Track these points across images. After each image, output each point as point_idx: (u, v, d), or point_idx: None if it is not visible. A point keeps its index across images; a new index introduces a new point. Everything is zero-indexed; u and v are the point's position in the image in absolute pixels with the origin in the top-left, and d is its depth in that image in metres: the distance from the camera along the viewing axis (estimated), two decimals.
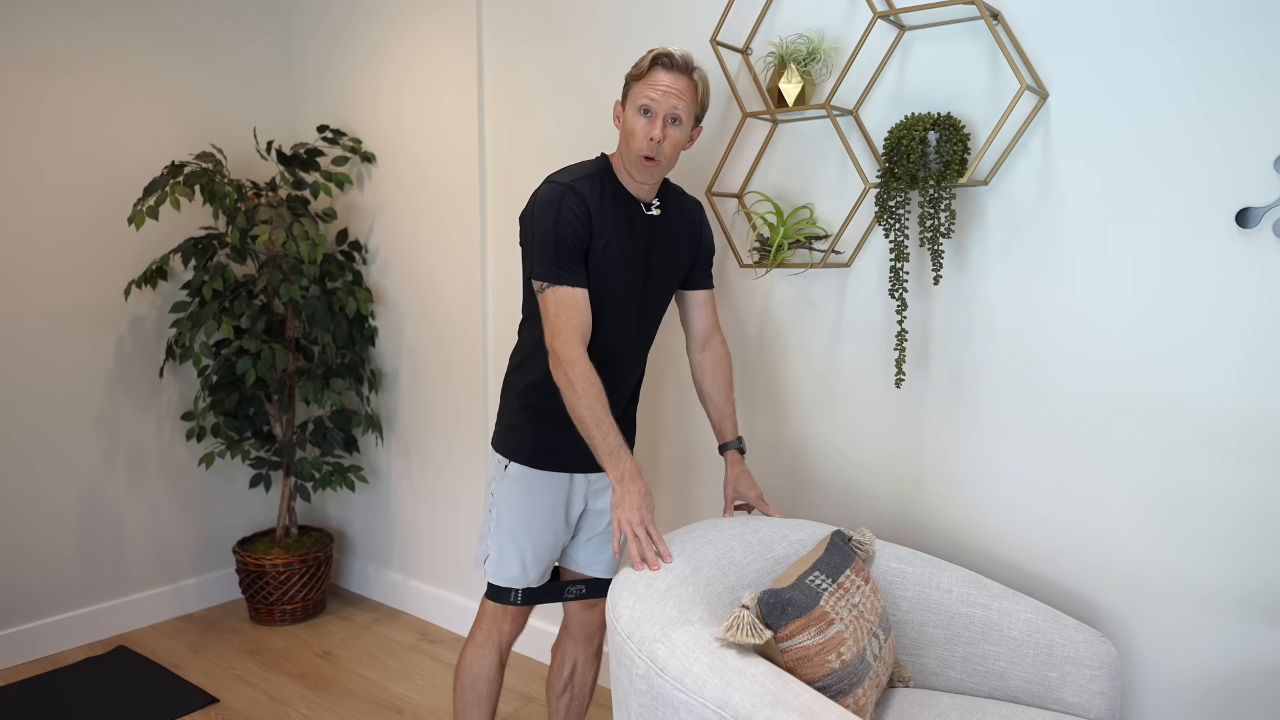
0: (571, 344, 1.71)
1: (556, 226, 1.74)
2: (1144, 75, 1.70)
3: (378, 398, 3.31)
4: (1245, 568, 1.68)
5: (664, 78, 1.73)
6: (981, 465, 1.97)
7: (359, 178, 3.27)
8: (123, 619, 3.08)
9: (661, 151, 1.76)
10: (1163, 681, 1.78)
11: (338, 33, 3.26)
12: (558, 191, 1.76)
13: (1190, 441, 1.71)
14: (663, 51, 1.74)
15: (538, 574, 1.93)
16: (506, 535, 1.90)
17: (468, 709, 1.98)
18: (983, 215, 1.91)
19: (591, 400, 1.68)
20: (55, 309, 2.88)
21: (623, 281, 1.82)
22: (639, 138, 1.75)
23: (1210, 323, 1.68)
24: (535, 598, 1.96)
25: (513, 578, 1.92)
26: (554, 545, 1.94)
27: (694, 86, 1.76)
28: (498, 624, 1.97)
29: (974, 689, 1.73)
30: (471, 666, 1.97)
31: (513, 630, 1.98)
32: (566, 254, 1.74)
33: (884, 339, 2.08)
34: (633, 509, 1.64)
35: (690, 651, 1.34)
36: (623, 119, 1.79)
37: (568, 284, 1.74)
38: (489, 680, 1.98)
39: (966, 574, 1.79)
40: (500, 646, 1.98)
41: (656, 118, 1.74)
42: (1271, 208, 1.60)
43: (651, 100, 1.73)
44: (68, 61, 2.86)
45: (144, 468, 3.12)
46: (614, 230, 1.80)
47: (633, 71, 1.77)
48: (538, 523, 1.90)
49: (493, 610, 1.96)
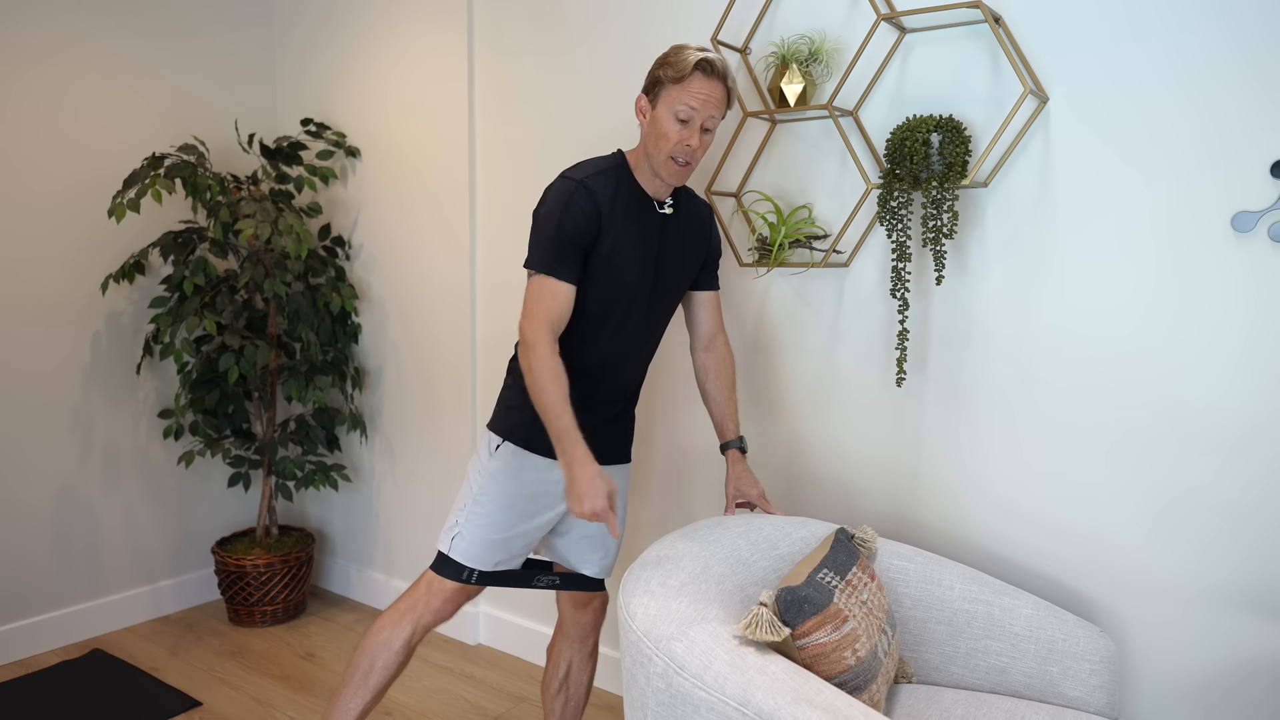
0: (540, 331, 1.70)
1: (560, 220, 1.74)
2: (1141, 81, 1.74)
3: (361, 395, 3.27)
4: (1238, 565, 1.72)
5: (704, 86, 1.72)
6: (978, 464, 1.99)
7: (343, 172, 3.23)
8: (97, 621, 3.00)
9: (694, 157, 1.77)
10: (1159, 675, 1.82)
11: (322, 22, 3.21)
12: (570, 186, 1.76)
13: (1186, 442, 1.75)
14: (704, 57, 1.72)
15: (500, 559, 1.89)
16: (481, 513, 1.87)
17: (356, 674, 1.89)
18: (982, 217, 1.94)
19: (550, 384, 1.66)
20: (29, 305, 2.80)
21: (634, 279, 1.82)
22: (673, 142, 1.74)
23: (1205, 324, 1.71)
24: (488, 580, 1.90)
25: (473, 557, 1.87)
26: (527, 534, 1.90)
27: (727, 93, 1.76)
28: (428, 599, 1.89)
29: (976, 684, 1.75)
30: (380, 632, 1.90)
31: (440, 611, 1.90)
32: (564, 248, 1.74)
33: (882, 339, 2.09)
34: (576, 500, 1.61)
35: (709, 649, 1.34)
36: (652, 118, 1.77)
37: (556, 276, 1.74)
38: (392, 653, 1.89)
39: (968, 571, 1.82)
40: (418, 624, 1.90)
41: (694, 126, 1.74)
42: (1267, 212, 1.64)
43: (692, 110, 1.72)
44: (39, 49, 2.78)
45: (120, 466, 3.04)
46: (626, 228, 1.79)
47: (669, 73, 1.73)
48: (517, 506, 1.87)
49: (430, 583, 1.90)
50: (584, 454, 1.63)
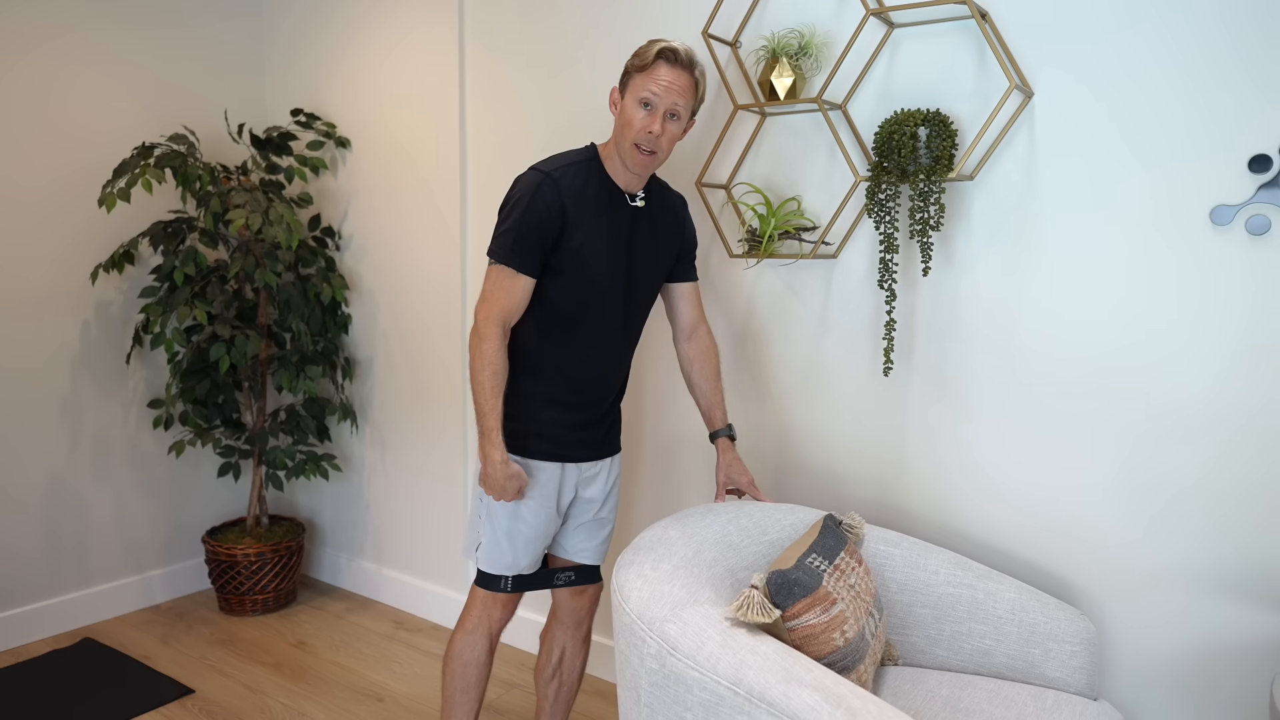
0: (492, 321, 1.81)
1: (525, 212, 1.77)
2: (1123, 77, 1.78)
3: (351, 385, 3.28)
4: (1214, 550, 1.77)
5: (667, 73, 1.75)
6: (963, 452, 2.03)
7: (332, 162, 3.23)
8: (87, 611, 3.01)
9: (659, 145, 1.80)
10: (1137, 657, 1.87)
11: (312, 13, 3.21)
12: (537, 179, 1.79)
13: (1164, 430, 1.80)
14: (667, 46, 1.75)
15: (528, 561, 1.95)
16: (498, 523, 1.92)
17: (457, 694, 1.99)
18: (968, 209, 1.97)
19: (486, 379, 1.81)
20: (17, 295, 2.79)
21: (605, 272, 1.84)
22: (637, 129, 1.77)
23: (1182, 315, 1.76)
24: (525, 584, 1.98)
25: (504, 565, 1.94)
26: (545, 533, 1.95)
27: (694, 83, 1.79)
28: (488, 611, 1.98)
29: (960, 666, 1.80)
30: (462, 653, 1.99)
31: (503, 617, 2.00)
32: (525, 240, 1.77)
33: (869, 329, 2.13)
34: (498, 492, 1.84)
35: (702, 631, 1.37)
36: (620, 107, 1.81)
37: (514, 267, 1.79)
38: (479, 666, 2.00)
39: (953, 556, 1.86)
40: (490, 633, 2.00)
41: (657, 112, 1.77)
42: (1244, 205, 1.68)
43: (653, 95, 1.75)
44: (25, 39, 2.77)
45: (109, 456, 3.04)
46: (595, 221, 1.82)
47: (635, 61, 1.78)
48: (529, 511, 1.91)
49: (483, 597, 1.98)
50: (502, 452, 1.83)
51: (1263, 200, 1.66)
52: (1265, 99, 1.65)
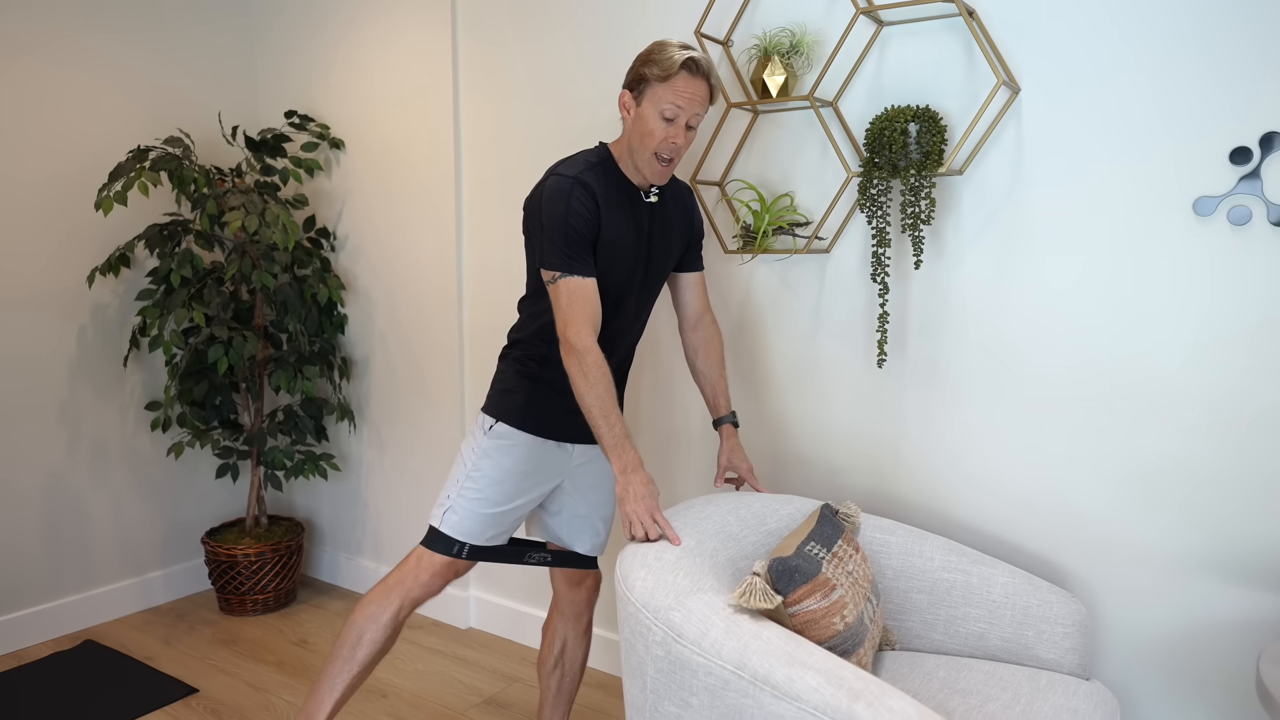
0: (584, 333, 1.74)
1: (567, 218, 1.77)
2: (1107, 72, 1.82)
3: (349, 385, 3.30)
4: (1202, 532, 1.82)
5: (689, 85, 1.76)
6: (956, 441, 2.08)
7: (327, 164, 3.25)
8: (88, 613, 3.02)
9: (679, 154, 1.83)
10: (1128, 637, 1.92)
11: (304, 14, 3.22)
12: (566, 184, 1.79)
13: (1150, 416, 1.84)
14: (691, 57, 1.76)
15: (492, 534, 1.93)
16: (474, 489, 1.90)
17: (344, 648, 1.91)
18: (958, 203, 2.02)
19: (601, 391, 1.72)
20: (14, 298, 2.80)
21: (627, 268, 1.87)
22: (659, 140, 1.79)
23: (1169, 303, 1.81)
24: (479, 555, 1.94)
25: (465, 531, 1.90)
26: (518, 510, 1.94)
27: (710, 91, 1.81)
28: (416, 574, 1.91)
29: (956, 650, 1.84)
30: (367, 606, 1.91)
31: (429, 585, 1.92)
32: (576, 245, 1.77)
33: (862, 322, 2.17)
34: (638, 500, 1.67)
35: (706, 618, 1.41)
36: (637, 114, 1.80)
37: (578, 274, 1.77)
38: (380, 626, 1.90)
39: (947, 543, 1.90)
40: (405, 597, 1.91)
41: (679, 124, 1.79)
42: (1226, 197, 1.73)
43: (679, 109, 1.77)
44: (18, 44, 2.77)
45: (108, 459, 3.06)
46: (619, 219, 1.85)
47: (655, 71, 1.76)
48: (508, 482, 1.91)
49: (419, 558, 1.92)
50: (637, 459, 1.72)
51: (1243, 191, 1.71)
52: (1245, 92, 1.69)
